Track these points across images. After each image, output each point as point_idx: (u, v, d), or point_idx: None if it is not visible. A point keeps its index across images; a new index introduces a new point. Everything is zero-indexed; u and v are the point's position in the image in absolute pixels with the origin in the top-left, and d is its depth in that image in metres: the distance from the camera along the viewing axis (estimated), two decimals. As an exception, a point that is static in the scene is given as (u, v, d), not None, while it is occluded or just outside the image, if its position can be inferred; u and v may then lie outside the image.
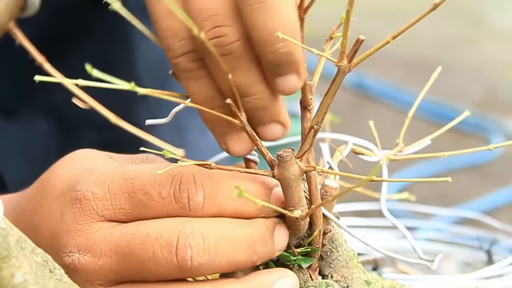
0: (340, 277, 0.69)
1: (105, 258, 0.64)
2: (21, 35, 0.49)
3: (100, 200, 0.65)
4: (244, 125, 0.64)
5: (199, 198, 0.63)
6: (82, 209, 0.65)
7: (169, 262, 0.62)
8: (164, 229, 0.62)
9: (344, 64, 0.60)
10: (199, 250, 0.62)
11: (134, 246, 0.63)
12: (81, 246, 0.64)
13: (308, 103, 0.66)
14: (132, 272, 0.64)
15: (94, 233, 0.64)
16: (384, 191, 0.74)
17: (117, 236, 0.64)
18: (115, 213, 0.65)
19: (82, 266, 0.64)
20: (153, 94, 0.59)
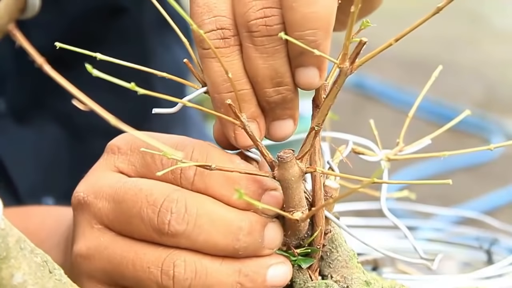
0: (339, 277, 0.69)
1: (104, 202, 0.67)
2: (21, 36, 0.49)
3: (122, 154, 0.69)
4: (244, 126, 0.64)
5: (190, 173, 0.65)
6: (105, 159, 0.70)
7: (151, 221, 0.64)
8: (156, 189, 0.65)
9: (346, 66, 0.60)
10: (178, 217, 0.63)
11: (127, 197, 0.65)
12: (88, 187, 0.68)
13: (321, 101, 0.66)
14: (121, 222, 0.66)
15: (103, 178, 0.68)
16: (384, 191, 0.74)
17: (119, 185, 0.67)
18: (128, 167, 0.68)
19: (85, 204, 0.68)
20: (153, 94, 0.59)
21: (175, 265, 0.64)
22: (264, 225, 0.65)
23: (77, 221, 0.69)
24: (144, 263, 0.64)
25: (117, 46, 1.15)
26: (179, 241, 0.64)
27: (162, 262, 0.64)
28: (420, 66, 3.61)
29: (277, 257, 0.67)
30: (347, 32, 0.57)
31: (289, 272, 0.67)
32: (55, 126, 1.16)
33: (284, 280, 0.66)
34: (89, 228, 0.67)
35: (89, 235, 0.67)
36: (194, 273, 0.64)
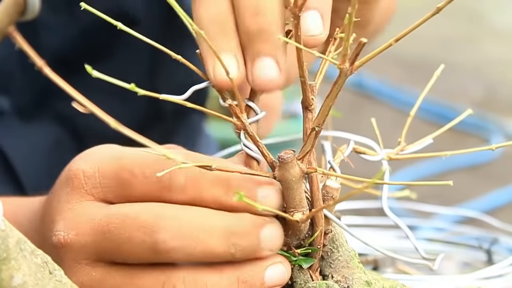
0: (340, 277, 0.69)
1: (87, 237, 0.64)
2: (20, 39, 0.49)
3: (89, 178, 0.66)
4: (245, 126, 0.64)
5: (181, 180, 0.64)
6: (73, 188, 0.66)
7: (144, 243, 0.62)
8: (143, 211, 0.63)
9: (346, 66, 0.60)
10: (172, 233, 0.62)
11: (113, 226, 0.63)
12: (67, 225, 0.65)
13: (309, 103, 0.66)
14: (110, 252, 0.64)
15: (81, 212, 0.65)
16: (386, 191, 0.74)
17: (100, 216, 0.64)
18: (103, 191, 0.66)
19: (66, 244, 0.65)
20: (154, 95, 0.60)
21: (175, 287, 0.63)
22: (260, 226, 0.64)
23: (63, 261, 0.66)
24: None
25: (127, 53, 1.16)
26: (176, 256, 0.63)
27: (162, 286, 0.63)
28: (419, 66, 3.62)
29: (274, 257, 0.66)
30: (346, 33, 0.57)
31: (287, 271, 0.66)
32: (58, 126, 1.16)
33: (282, 279, 0.66)
34: (76, 264, 0.65)
35: (79, 272, 0.65)
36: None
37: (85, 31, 1.13)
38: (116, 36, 1.17)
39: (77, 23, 1.13)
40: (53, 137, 1.16)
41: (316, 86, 0.67)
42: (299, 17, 0.60)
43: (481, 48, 4.20)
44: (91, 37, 1.13)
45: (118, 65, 1.14)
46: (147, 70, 1.18)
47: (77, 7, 1.06)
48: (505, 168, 3.08)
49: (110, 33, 1.15)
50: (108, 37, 1.15)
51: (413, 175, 2.91)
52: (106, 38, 1.15)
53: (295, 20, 0.60)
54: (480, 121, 3.34)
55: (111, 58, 1.14)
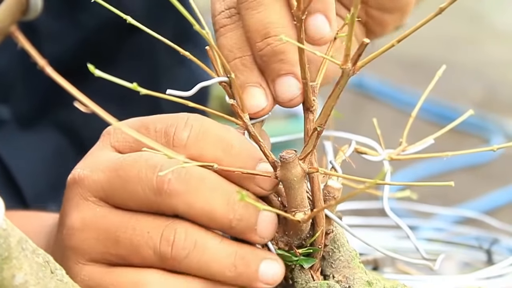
0: (341, 277, 0.69)
1: (100, 173, 0.67)
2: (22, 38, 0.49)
3: (116, 134, 0.70)
4: (247, 126, 0.64)
5: (184, 135, 0.66)
6: (102, 141, 0.71)
7: (149, 181, 0.64)
8: (156, 155, 0.64)
9: (348, 66, 0.60)
10: (178, 177, 0.64)
11: (125, 163, 0.66)
12: (85, 164, 0.69)
13: (310, 104, 0.66)
14: (116, 190, 0.66)
15: (101, 157, 0.69)
16: (387, 191, 0.74)
17: (117, 157, 0.68)
18: (123, 144, 0.69)
19: (80, 179, 0.68)
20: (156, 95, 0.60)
21: (176, 232, 0.64)
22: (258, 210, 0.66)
23: (69, 197, 0.69)
24: (144, 228, 0.65)
25: (129, 61, 1.16)
26: (176, 203, 0.64)
27: (164, 228, 0.64)
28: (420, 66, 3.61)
29: (272, 254, 0.67)
30: (348, 33, 0.57)
31: (281, 272, 0.67)
32: (59, 135, 1.16)
33: (275, 279, 0.66)
34: (83, 200, 0.67)
35: (84, 207, 0.67)
36: (194, 245, 0.64)
37: (87, 38, 1.13)
38: (118, 43, 1.17)
39: (79, 30, 1.13)
40: (54, 147, 1.16)
41: (317, 87, 0.67)
42: (302, 20, 0.61)
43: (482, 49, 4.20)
44: (93, 45, 1.14)
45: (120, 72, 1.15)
46: (150, 76, 1.19)
47: (79, 14, 1.06)
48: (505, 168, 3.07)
49: (112, 40, 1.15)
50: (109, 44, 1.16)
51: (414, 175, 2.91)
52: (107, 45, 1.15)
53: (298, 23, 0.60)
54: (481, 121, 3.34)
55: (113, 65, 1.15)
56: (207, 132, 0.66)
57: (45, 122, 1.15)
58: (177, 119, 0.67)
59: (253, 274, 0.65)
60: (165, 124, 0.67)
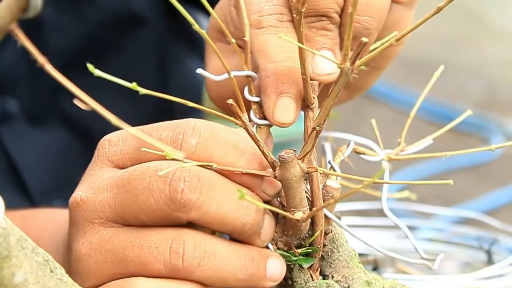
0: (341, 277, 0.69)
1: (106, 193, 0.66)
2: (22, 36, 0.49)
3: (113, 146, 0.68)
4: (246, 126, 0.64)
5: (192, 142, 0.65)
6: (98, 157, 0.69)
7: (161, 192, 0.63)
8: (164, 164, 0.64)
9: (347, 66, 0.60)
10: (191, 186, 0.63)
11: (133, 177, 0.65)
12: (86, 186, 0.67)
13: (310, 101, 0.66)
14: (126, 205, 0.65)
15: (101, 175, 0.67)
16: (385, 191, 0.74)
17: (121, 172, 0.66)
18: (122, 158, 0.68)
19: (83, 202, 0.66)
20: (156, 95, 0.60)
21: (185, 243, 0.64)
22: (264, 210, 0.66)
23: (74, 221, 0.67)
24: (152, 244, 0.64)
25: (136, 51, 1.16)
26: (189, 212, 0.63)
27: (172, 241, 0.64)
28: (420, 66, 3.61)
29: (273, 251, 0.67)
30: (347, 33, 0.57)
31: (284, 269, 0.67)
32: (66, 129, 1.16)
33: (280, 275, 0.67)
34: (89, 224, 0.66)
35: (89, 231, 0.66)
36: (204, 252, 0.64)
37: (91, 31, 1.13)
38: (122, 35, 1.17)
39: (84, 23, 1.13)
40: (61, 142, 1.16)
41: (317, 85, 0.67)
42: (302, 13, 0.60)
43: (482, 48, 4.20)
44: (97, 38, 1.14)
45: (126, 64, 1.15)
46: (159, 66, 1.18)
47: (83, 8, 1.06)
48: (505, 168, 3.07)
49: (116, 33, 1.15)
50: (114, 36, 1.15)
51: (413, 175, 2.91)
52: (112, 38, 1.15)
53: (297, 15, 0.60)
54: (480, 121, 3.34)
55: (119, 58, 1.15)
56: (216, 138, 0.65)
57: (52, 116, 1.15)
58: (184, 126, 0.66)
59: (262, 273, 0.66)
60: (171, 131, 0.66)
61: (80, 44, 1.13)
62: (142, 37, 1.16)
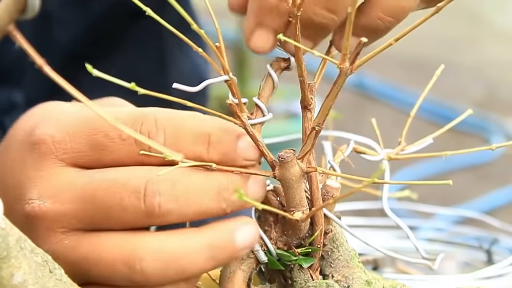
0: (341, 277, 0.69)
1: (69, 205, 0.62)
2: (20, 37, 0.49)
3: (59, 143, 0.63)
4: (245, 126, 0.64)
5: (159, 141, 0.62)
6: (42, 154, 0.63)
7: (137, 209, 0.60)
8: (133, 176, 0.61)
9: (346, 66, 0.60)
10: (167, 197, 0.60)
11: (100, 192, 0.61)
12: (42, 193, 0.62)
13: (308, 102, 0.66)
14: (97, 219, 0.62)
15: (56, 179, 0.63)
16: (386, 191, 0.74)
17: (82, 182, 0.62)
18: (74, 156, 0.63)
19: (42, 213, 0.62)
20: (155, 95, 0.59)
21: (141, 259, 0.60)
22: (247, 179, 0.63)
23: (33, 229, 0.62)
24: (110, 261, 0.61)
25: (137, 46, 1.16)
26: (169, 219, 0.61)
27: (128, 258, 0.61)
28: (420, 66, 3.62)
29: (240, 218, 0.64)
30: (346, 32, 0.57)
31: (256, 230, 0.64)
32: None
33: (252, 239, 0.63)
34: (50, 232, 0.62)
35: (52, 240, 0.62)
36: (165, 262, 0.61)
37: (95, 23, 1.13)
38: (125, 28, 1.17)
39: (88, 16, 1.13)
40: None
41: (316, 85, 0.67)
42: (297, 17, 0.60)
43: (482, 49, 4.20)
44: (101, 30, 1.14)
45: (129, 56, 1.15)
46: (158, 61, 1.18)
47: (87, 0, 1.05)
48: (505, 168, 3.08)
49: (119, 25, 1.15)
50: (116, 29, 1.15)
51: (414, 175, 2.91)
52: (116, 30, 1.15)
53: (293, 19, 0.60)
54: (480, 121, 3.34)
55: (122, 50, 1.15)
56: (181, 130, 0.62)
57: None
58: (145, 123, 0.62)
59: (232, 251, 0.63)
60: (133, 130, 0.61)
61: (85, 37, 1.13)
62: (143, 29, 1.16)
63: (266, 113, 0.68)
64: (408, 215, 1.16)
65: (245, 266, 0.67)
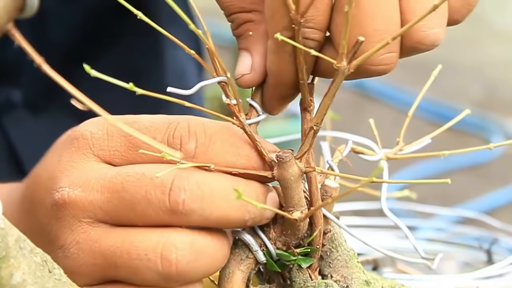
0: (339, 277, 0.69)
1: (96, 194, 0.63)
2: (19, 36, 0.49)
3: (98, 140, 0.65)
4: (243, 125, 0.64)
5: (191, 146, 0.63)
6: (79, 147, 0.65)
7: (161, 203, 0.61)
8: (161, 170, 0.62)
9: (343, 65, 0.60)
10: (192, 195, 0.61)
11: (128, 184, 0.62)
12: (73, 181, 0.64)
13: (308, 104, 0.66)
14: (121, 211, 0.63)
15: (88, 170, 0.64)
16: (385, 190, 0.74)
17: (112, 174, 0.63)
18: (110, 154, 0.65)
19: (71, 200, 0.63)
20: (153, 95, 0.59)
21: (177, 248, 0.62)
22: (267, 194, 0.65)
23: (60, 217, 0.64)
24: (141, 251, 0.62)
25: (130, 41, 1.16)
26: (191, 220, 0.62)
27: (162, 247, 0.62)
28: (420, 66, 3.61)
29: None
30: (344, 31, 0.57)
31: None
32: (69, 117, 1.17)
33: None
34: (76, 222, 0.64)
35: (77, 229, 0.64)
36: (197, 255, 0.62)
37: (90, 17, 1.13)
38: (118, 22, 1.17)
39: (83, 11, 1.13)
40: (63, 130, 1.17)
41: (315, 87, 0.67)
42: (300, 23, 0.60)
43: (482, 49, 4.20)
44: (96, 23, 1.14)
45: (125, 49, 1.15)
46: (154, 53, 1.18)
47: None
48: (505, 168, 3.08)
49: (115, 17, 1.15)
50: (111, 23, 1.16)
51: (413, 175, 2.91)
52: (109, 25, 1.15)
53: (296, 26, 0.60)
54: (480, 121, 3.34)
55: (118, 43, 1.15)
56: (214, 138, 0.64)
57: (55, 105, 1.15)
58: (179, 128, 0.64)
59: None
60: (165, 134, 0.64)
61: (80, 32, 1.13)
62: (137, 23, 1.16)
63: (260, 113, 0.68)
64: (408, 215, 1.16)
65: (244, 267, 0.67)
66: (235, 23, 0.68)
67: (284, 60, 0.64)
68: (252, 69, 0.67)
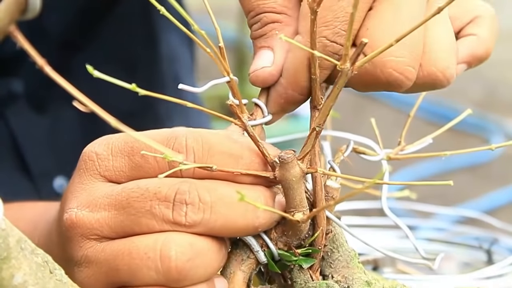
0: (340, 277, 0.69)
1: (103, 212, 0.65)
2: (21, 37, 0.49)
3: (103, 160, 0.67)
4: (246, 127, 0.64)
5: (190, 159, 0.64)
6: (87, 169, 0.68)
7: (165, 217, 0.63)
8: (163, 185, 0.64)
9: (347, 66, 0.60)
10: (193, 208, 0.63)
11: (132, 199, 0.64)
12: (81, 202, 0.67)
13: (318, 102, 0.66)
14: (127, 226, 0.65)
15: (96, 191, 0.66)
16: (385, 191, 0.74)
17: (117, 191, 0.65)
18: (115, 174, 0.67)
19: (78, 220, 0.66)
20: (154, 95, 0.60)
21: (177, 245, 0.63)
22: (274, 197, 0.66)
23: (70, 237, 0.67)
24: (141, 250, 0.63)
25: (124, 28, 1.16)
26: (197, 231, 0.63)
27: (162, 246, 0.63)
28: (420, 66, 3.61)
29: None
30: (347, 33, 0.57)
31: None
32: (69, 108, 1.17)
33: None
34: (84, 239, 0.66)
35: (85, 245, 0.66)
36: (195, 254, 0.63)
37: (84, 5, 1.14)
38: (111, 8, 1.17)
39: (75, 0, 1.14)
40: (64, 121, 1.17)
41: (325, 86, 0.68)
42: (316, 13, 0.60)
43: (482, 49, 4.18)
44: (88, 12, 1.14)
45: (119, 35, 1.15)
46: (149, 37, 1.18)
47: None
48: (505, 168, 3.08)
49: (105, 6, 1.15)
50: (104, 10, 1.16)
51: (413, 175, 2.91)
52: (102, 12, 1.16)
53: (312, 15, 0.60)
54: (480, 121, 3.34)
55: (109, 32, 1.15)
56: (211, 152, 0.65)
57: (55, 96, 1.15)
58: (176, 145, 0.65)
59: None
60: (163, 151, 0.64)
61: (74, 21, 1.14)
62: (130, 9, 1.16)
63: (266, 113, 0.68)
64: (408, 215, 1.16)
65: (245, 267, 0.67)
66: (262, 22, 0.69)
67: (303, 62, 0.66)
68: (273, 63, 0.68)
